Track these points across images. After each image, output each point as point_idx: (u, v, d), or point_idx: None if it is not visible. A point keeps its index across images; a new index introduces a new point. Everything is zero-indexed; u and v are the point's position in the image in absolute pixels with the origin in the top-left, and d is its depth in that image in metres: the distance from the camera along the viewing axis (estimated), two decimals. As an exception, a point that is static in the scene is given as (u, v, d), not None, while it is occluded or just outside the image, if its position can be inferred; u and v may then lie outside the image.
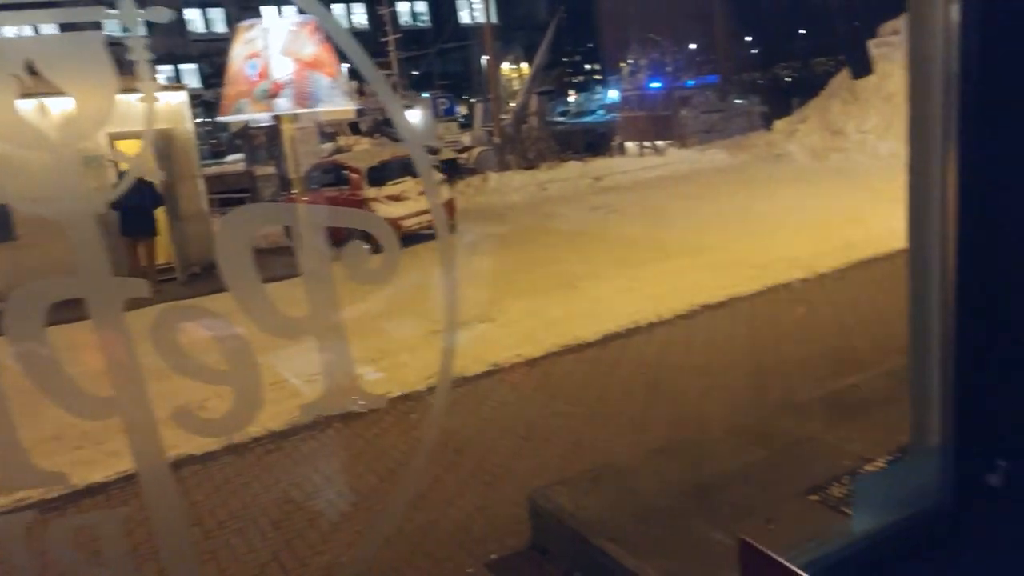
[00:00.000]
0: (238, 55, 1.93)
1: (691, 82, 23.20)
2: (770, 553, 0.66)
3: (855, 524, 1.43)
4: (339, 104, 1.86)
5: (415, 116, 18.60)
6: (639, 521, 2.77)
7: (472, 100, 26.53)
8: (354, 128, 16.94)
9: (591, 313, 6.70)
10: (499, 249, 10.03)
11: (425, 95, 21.93)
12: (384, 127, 17.10)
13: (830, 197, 10.83)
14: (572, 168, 15.65)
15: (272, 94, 1.85)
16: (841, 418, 3.45)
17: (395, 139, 15.93)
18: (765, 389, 4.59)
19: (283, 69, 1.79)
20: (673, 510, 2.85)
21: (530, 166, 16.21)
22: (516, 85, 25.80)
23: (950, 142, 1.45)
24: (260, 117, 2.10)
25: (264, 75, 1.87)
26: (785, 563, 0.65)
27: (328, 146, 15.24)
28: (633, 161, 17.00)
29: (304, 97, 1.83)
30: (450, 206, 10.65)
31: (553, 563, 3.01)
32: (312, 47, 1.70)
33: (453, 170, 15.24)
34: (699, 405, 4.49)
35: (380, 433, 4.61)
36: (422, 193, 10.43)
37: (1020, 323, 1.39)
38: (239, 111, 2.01)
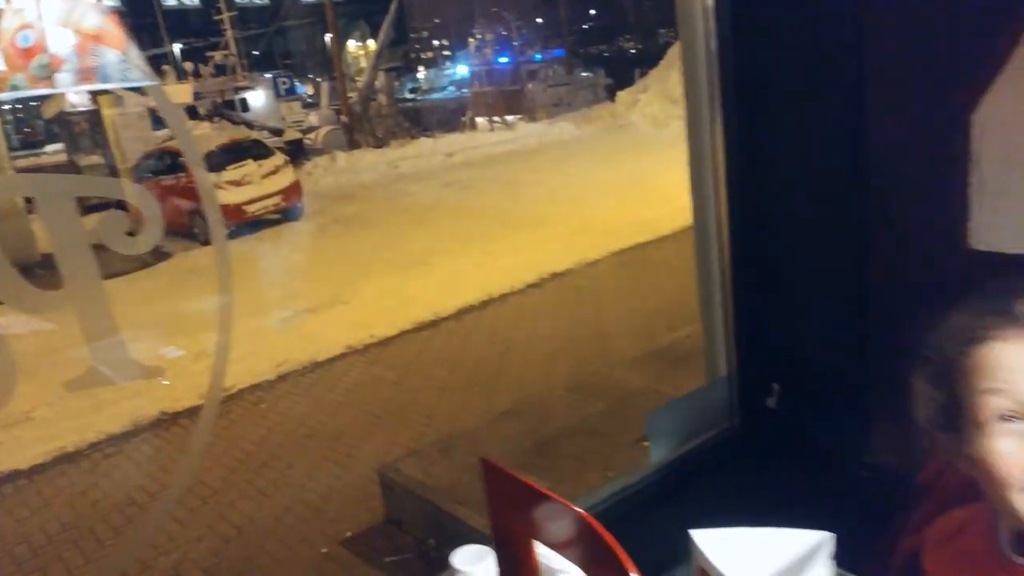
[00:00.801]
0: (8, 27, 1.79)
1: (538, 56, 23.58)
2: (507, 469, 0.72)
3: (652, 455, 1.55)
4: (132, 81, 1.77)
5: (257, 97, 17.81)
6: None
7: (317, 79, 25.70)
8: (191, 112, 16.00)
9: (446, 288, 6.75)
10: (351, 230, 9.84)
11: (267, 75, 21.01)
12: (224, 110, 16.27)
13: (669, 163, 11.39)
14: (423, 145, 15.56)
15: (51, 69, 1.74)
16: (673, 368, 3.70)
17: (235, 122, 15.22)
18: (607, 348, 4.82)
19: (62, 41, 1.68)
20: (518, 467, 2.96)
21: (380, 144, 15.96)
22: (363, 63, 25.25)
23: (716, 116, 1.58)
24: (40, 93, 1.96)
25: (39, 48, 1.75)
26: (519, 476, 0.70)
27: (163, 133, 14.32)
28: (484, 136, 17.12)
29: (89, 73, 1.72)
30: (296, 188, 10.32)
31: (407, 533, 3.05)
32: (96, 18, 1.61)
33: (299, 151, 14.75)
34: (547, 367, 4.65)
35: (228, 425, 4.46)
36: (266, 176, 10.07)
37: (786, 273, 1.56)
38: (15, 87, 1.87)
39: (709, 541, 0.66)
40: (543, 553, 0.73)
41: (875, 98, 1.50)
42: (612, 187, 10.11)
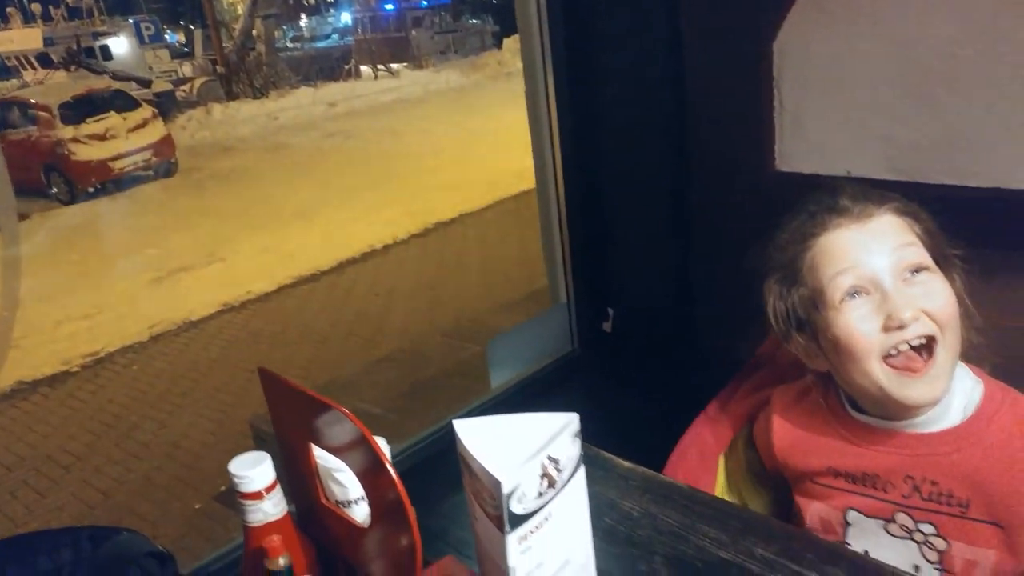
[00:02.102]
0: None
1: (424, 3, 23.00)
2: (283, 378, 0.73)
3: (493, 380, 1.60)
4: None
5: (120, 44, 16.58)
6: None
7: (190, 27, 24.17)
8: (43, 60, 14.74)
9: (328, 241, 6.63)
10: (229, 185, 9.45)
11: (129, 20, 19.53)
12: (82, 58, 15.09)
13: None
14: (304, 95, 15.00)
15: None
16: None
17: (97, 72, 14.16)
18: (487, 293, 4.88)
19: None
20: (391, 411, 2.99)
21: (259, 95, 15.27)
22: (240, 10, 23.89)
23: (547, 65, 1.63)
24: None
25: None
26: (294, 384, 0.72)
27: (12, 83, 13.17)
28: (368, 85, 16.66)
29: None
30: (168, 142, 9.77)
31: (282, 483, 3.04)
32: None
33: (171, 104, 13.90)
34: (427, 315, 4.68)
35: (95, 390, 4.27)
36: (133, 130, 9.48)
37: (616, 206, 1.67)
38: None
39: (467, 428, 0.70)
40: (320, 455, 0.76)
41: (689, 34, 1.56)
42: (498, 135, 10.08)
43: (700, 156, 1.62)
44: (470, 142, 9.96)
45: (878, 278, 0.85)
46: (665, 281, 1.70)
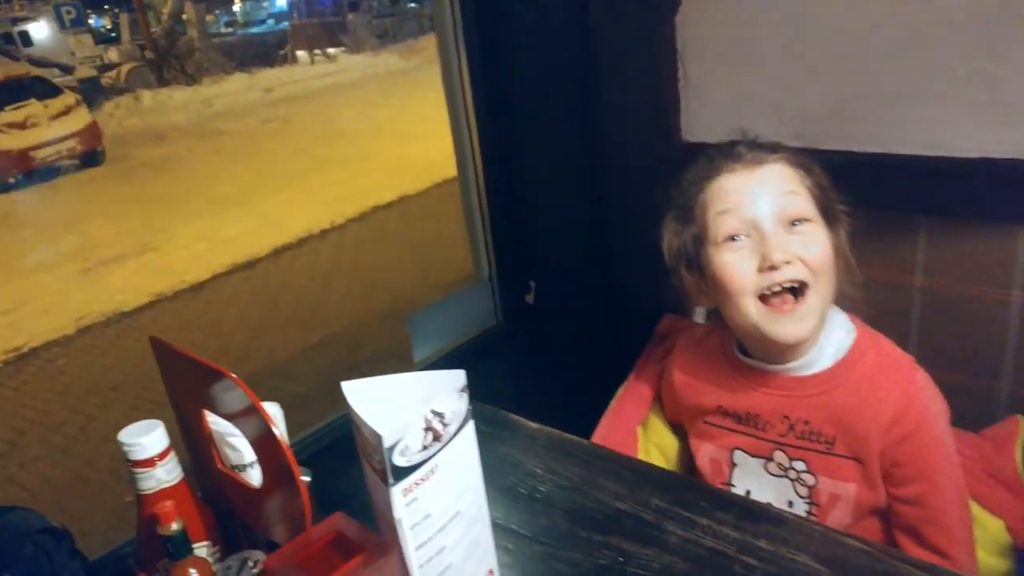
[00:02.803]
0: None
1: (361, -14, 22.59)
2: (174, 346, 0.74)
3: (415, 355, 1.61)
4: None
5: (40, 29, 15.88)
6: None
7: (115, 10, 23.25)
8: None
9: (264, 228, 6.51)
10: (162, 173, 9.18)
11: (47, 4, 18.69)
12: (1, 44, 14.41)
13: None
14: (239, 81, 14.63)
15: None
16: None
17: (16, 58, 13.55)
18: (425, 275, 4.88)
19: None
20: (326, 395, 2.98)
21: (192, 82, 14.83)
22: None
23: (460, 48, 1.65)
24: None
25: None
26: (185, 351, 0.72)
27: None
28: (305, 70, 16.34)
29: None
30: (94, 130, 9.44)
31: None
32: None
33: (96, 90, 13.40)
34: (365, 299, 4.66)
35: (18, 387, 4.14)
36: (55, 118, 9.12)
37: (532, 183, 1.70)
38: None
39: (354, 389, 0.71)
40: (214, 421, 0.77)
41: (595, 9, 1.59)
42: (436, 119, 9.97)
43: (609, 129, 1.65)
44: (409, 125, 9.86)
45: (758, 221, 0.91)
46: (583, 253, 1.74)
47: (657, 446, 1.14)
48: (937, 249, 1.32)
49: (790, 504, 0.98)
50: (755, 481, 1.00)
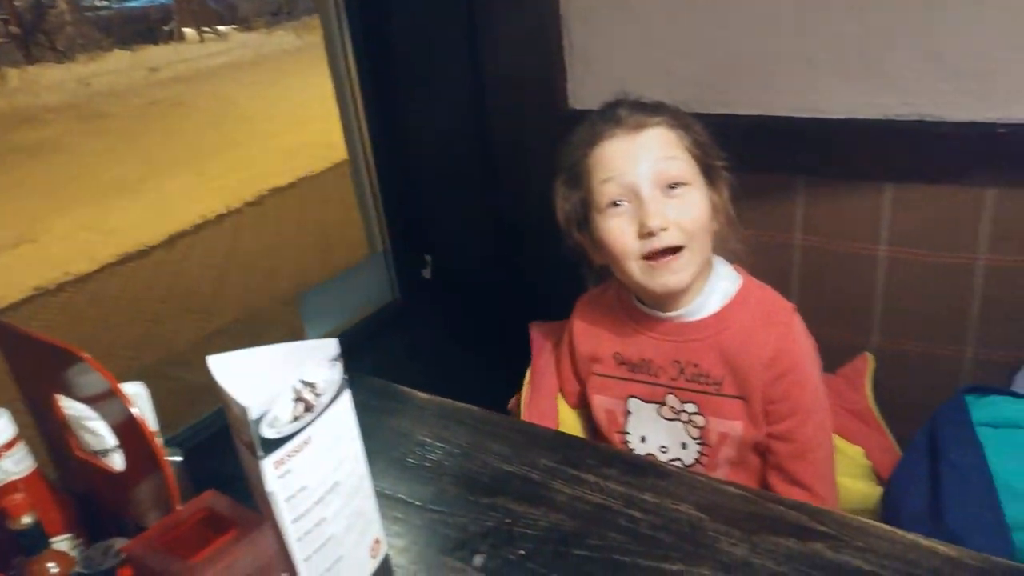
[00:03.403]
0: None
1: (251, -40, 21.65)
2: (19, 328, 0.68)
3: (309, 333, 1.56)
4: None
5: None
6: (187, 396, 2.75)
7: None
8: None
9: (156, 215, 6.19)
10: (37, 159, 8.57)
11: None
12: None
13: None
14: (120, 59, 13.81)
15: None
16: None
17: None
18: (328, 257, 4.76)
19: None
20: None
21: (64, 59, 13.89)
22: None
23: (344, 24, 1.60)
24: None
25: None
26: (33, 333, 0.67)
27: None
28: (194, 48, 15.59)
29: None
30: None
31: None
32: None
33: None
34: (266, 284, 4.51)
35: None
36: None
37: (423, 155, 1.69)
38: None
39: (221, 363, 0.68)
40: (68, 405, 0.72)
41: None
42: (334, 98, 9.77)
43: (499, 98, 1.64)
44: (306, 105, 9.56)
45: (638, 188, 0.94)
46: (480, 225, 1.73)
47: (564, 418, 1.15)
48: (814, 208, 1.38)
49: (684, 446, 1.02)
50: (650, 427, 1.04)
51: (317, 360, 0.68)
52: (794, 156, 1.38)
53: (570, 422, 1.13)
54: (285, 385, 0.64)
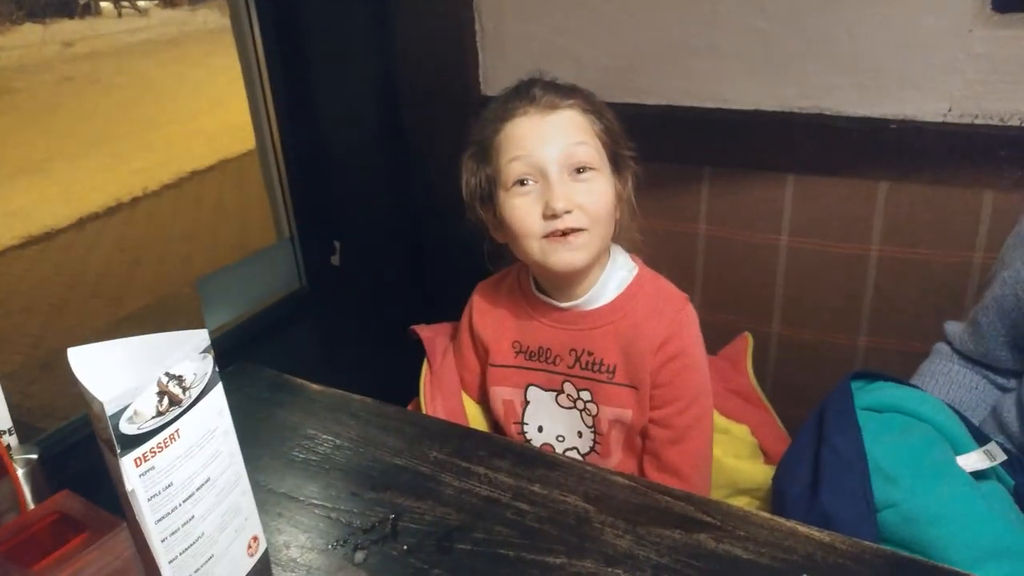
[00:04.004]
0: None
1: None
2: None
3: (208, 321, 1.50)
4: None
5: None
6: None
7: None
8: None
9: (65, 197, 5.90)
10: (-66, 136, 8.05)
11: None
12: None
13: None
14: (31, 32, 13.04)
15: None
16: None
17: None
18: (244, 242, 4.62)
19: None
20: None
21: (-30, 32, 13.06)
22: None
23: (253, 16, 1.54)
24: None
25: None
26: None
27: None
28: (111, 24, 14.86)
29: None
30: None
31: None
32: None
33: None
34: (180, 269, 4.35)
35: None
36: None
37: (333, 138, 1.66)
38: None
39: (82, 357, 0.64)
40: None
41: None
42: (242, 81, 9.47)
43: (410, 84, 1.61)
44: (230, 86, 9.21)
45: (546, 168, 0.92)
46: (390, 211, 1.69)
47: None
48: (718, 198, 1.40)
49: (579, 434, 1.03)
50: (547, 415, 1.04)
51: (186, 352, 0.64)
52: (701, 146, 1.39)
53: (477, 417, 1.11)
54: (148, 379, 0.61)
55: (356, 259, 1.71)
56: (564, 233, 0.92)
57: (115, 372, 0.61)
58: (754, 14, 1.28)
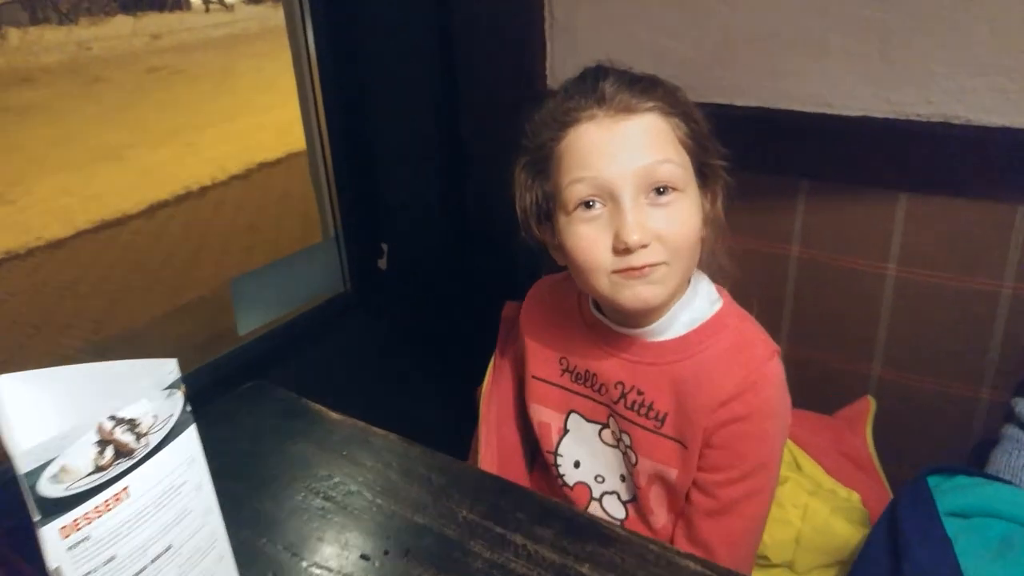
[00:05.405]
0: None
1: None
2: None
3: (241, 326, 1.40)
4: None
5: None
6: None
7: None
8: None
9: (139, 184, 6.01)
10: (26, 120, 8.37)
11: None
12: None
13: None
14: (123, 24, 13.58)
15: None
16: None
17: None
18: (309, 234, 4.59)
19: None
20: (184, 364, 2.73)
21: (67, 21, 13.64)
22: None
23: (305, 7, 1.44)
24: None
25: None
26: None
27: None
28: (198, 18, 15.35)
29: None
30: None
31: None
32: None
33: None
34: (242, 260, 4.34)
35: None
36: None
37: (384, 139, 1.55)
38: None
39: (13, 387, 0.51)
40: None
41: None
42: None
43: (469, 77, 1.46)
44: (305, 80, 9.35)
45: (616, 191, 0.74)
46: (442, 213, 1.56)
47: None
48: (815, 216, 1.21)
49: (623, 478, 0.87)
50: (587, 450, 0.88)
51: (143, 388, 0.51)
52: (797, 156, 1.20)
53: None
54: (85, 424, 0.48)
55: (405, 263, 1.58)
56: (639, 267, 0.74)
57: (44, 414, 0.47)
58: (870, 2, 1.09)
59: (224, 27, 14.30)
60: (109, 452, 0.48)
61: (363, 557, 0.68)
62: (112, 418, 0.49)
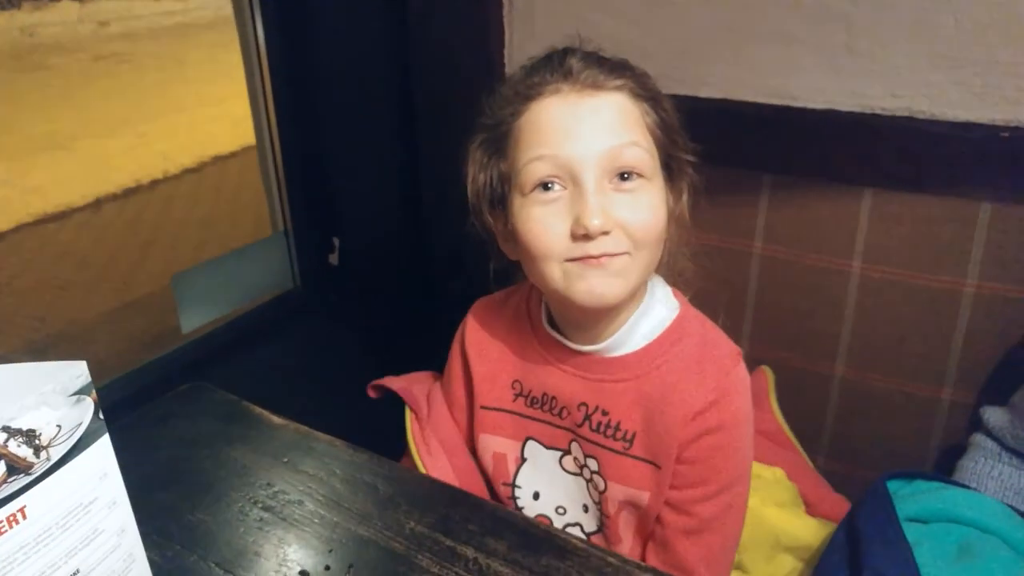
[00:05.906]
0: None
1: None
2: None
3: (184, 324, 1.32)
4: None
5: None
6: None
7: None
8: None
9: (85, 176, 5.81)
10: (-38, 109, 8.04)
11: None
12: None
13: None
14: (69, 10, 13.12)
15: None
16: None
17: None
18: (262, 229, 4.47)
19: None
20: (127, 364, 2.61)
21: (9, 6, 13.15)
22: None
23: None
24: None
25: None
26: None
27: None
28: (148, 5, 14.92)
29: None
30: None
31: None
32: None
33: None
34: (194, 256, 4.21)
35: None
36: None
37: (331, 122, 1.45)
38: None
39: None
40: None
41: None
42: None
43: (423, 64, 1.41)
44: (261, 71, 9.15)
45: (578, 172, 0.68)
46: (396, 207, 1.50)
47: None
48: (778, 212, 1.19)
49: (585, 508, 0.81)
50: (546, 479, 0.81)
51: (45, 395, 0.45)
52: (760, 149, 1.18)
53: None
54: (-27, 434, 0.42)
55: (358, 258, 1.52)
56: (597, 256, 0.68)
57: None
58: (838, -5, 1.07)
59: (175, 15, 13.93)
60: (1, 467, 0.42)
61: (302, 574, 0.62)
62: (5, 429, 0.43)
